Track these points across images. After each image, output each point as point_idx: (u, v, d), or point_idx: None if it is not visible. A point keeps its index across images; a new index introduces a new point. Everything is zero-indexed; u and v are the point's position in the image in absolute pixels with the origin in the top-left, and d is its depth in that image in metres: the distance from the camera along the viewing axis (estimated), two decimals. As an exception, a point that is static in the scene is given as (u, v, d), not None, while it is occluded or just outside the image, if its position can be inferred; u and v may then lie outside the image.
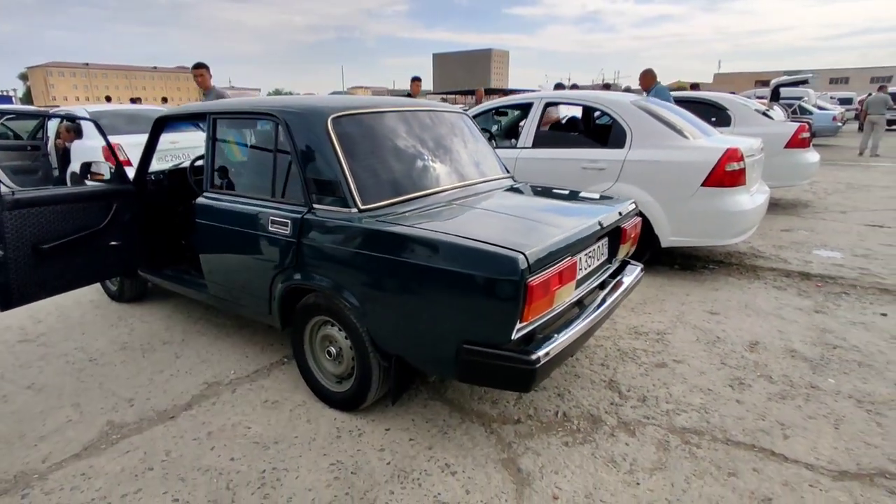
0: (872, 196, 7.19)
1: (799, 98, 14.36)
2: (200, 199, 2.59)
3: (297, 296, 2.30)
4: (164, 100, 20.45)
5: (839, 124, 15.63)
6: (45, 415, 2.30)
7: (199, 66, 5.16)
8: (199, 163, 3.19)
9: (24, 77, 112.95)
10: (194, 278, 2.91)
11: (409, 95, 8.21)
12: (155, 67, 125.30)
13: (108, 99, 20.05)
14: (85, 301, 3.64)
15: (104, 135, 3.03)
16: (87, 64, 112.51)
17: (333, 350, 2.25)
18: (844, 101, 22.59)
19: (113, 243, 2.91)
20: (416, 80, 8.19)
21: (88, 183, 3.26)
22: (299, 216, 2.17)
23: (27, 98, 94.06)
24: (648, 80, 5.77)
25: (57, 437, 2.15)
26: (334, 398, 2.28)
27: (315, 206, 2.14)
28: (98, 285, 3.70)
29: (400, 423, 2.20)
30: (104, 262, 2.91)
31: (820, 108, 15.82)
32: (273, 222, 2.25)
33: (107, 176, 2.99)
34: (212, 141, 2.61)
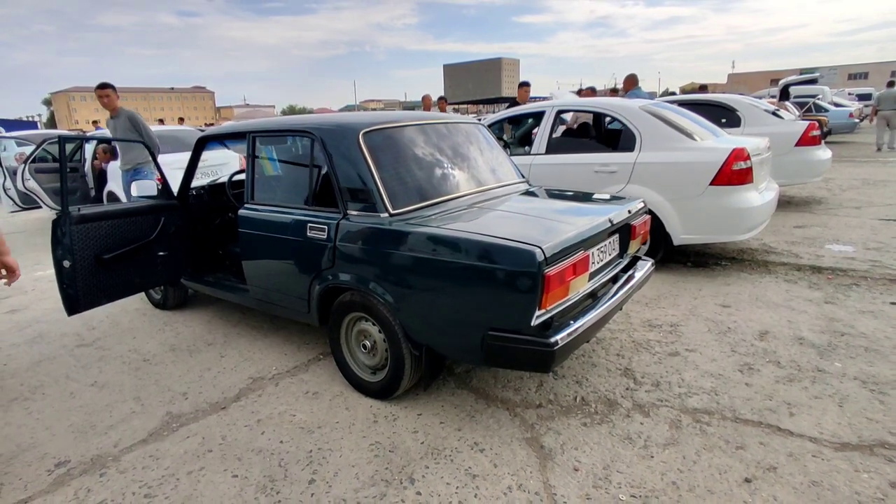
0: (888, 191, 7.21)
1: (814, 96, 14.34)
2: (243, 211, 2.84)
3: (333, 295, 2.52)
4: (181, 120, 21.30)
5: (856, 121, 15.53)
6: (111, 408, 2.55)
7: (104, 87, 4.76)
8: (237, 178, 3.46)
9: (47, 102, 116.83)
10: (235, 284, 3.16)
11: (514, 102, 7.52)
12: (172, 88, 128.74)
13: (162, 121, 21.26)
14: (132, 309, 3.91)
15: (154, 157, 3.32)
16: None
17: (368, 343, 2.46)
18: (863, 97, 22.35)
19: (161, 253, 3.18)
20: (524, 85, 7.57)
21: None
22: (335, 222, 2.39)
23: (51, 122, 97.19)
24: (628, 85, 6.63)
25: (124, 426, 2.39)
26: (370, 388, 2.49)
27: (349, 212, 2.37)
28: (143, 295, 3.98)
29: (431, 409, 2.39)
30: (154, 270, 3.17)
31: (836, 104, 15.76)
32: (311, 228, 2.48)
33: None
34: (251, 157, 2.85)
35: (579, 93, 9.69)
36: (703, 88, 12.41)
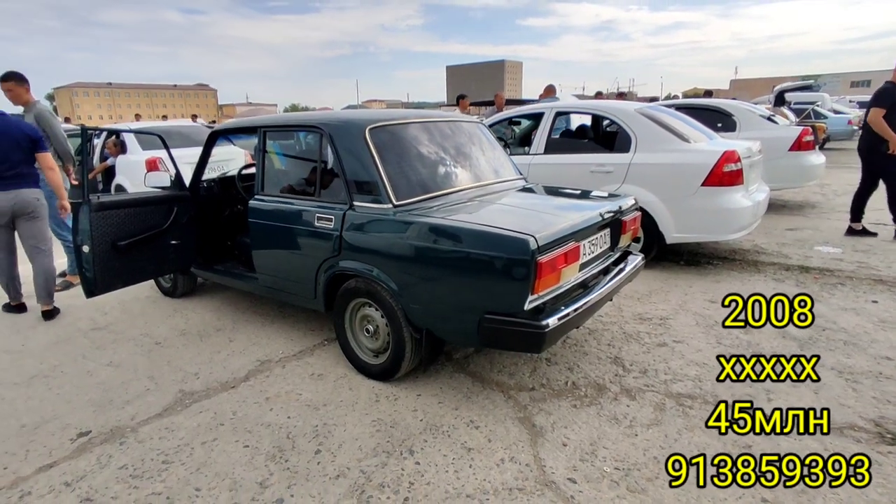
0: (881, 196, 7.31)
1: (813, 102, 14.51)
2: (253, 202, 2.98)
3: (339, 282, 2.66)
4: (194, 117, 21.58)
5: (855, 127, 15.68)
6: (126, 385, 2.69)
7: (6, 79, 3.74)
8: (246, 171, 3.61)
9: (50, 98, 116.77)
10: (243, 272, 3.30)
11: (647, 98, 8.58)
12: (175, 85, 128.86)
13: (165, 117, 22.14)
14: (142, 297, 4.05)
15: (168, 148, 3.46)
16: (109, 84, 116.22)
17: (371, 328, 2.60)
18: (864, 104, 22.54)
19: (173, 242, 3.32)
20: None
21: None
22: (342, 212, 2.53)
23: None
24: (547, 93, 7.65)
25: (139, 401, 2.53)
26: (372, 370, 2.63)
27: (355, 203, 2.51)
28: (153, 283, 4.12)
29: (429, 390, 2.53)
30: (166, 258, 3.32)
31: (836, 111, 15.93)
32: (319, 218, 2.62)
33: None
34: (262, 151, 2.99)
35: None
36: (708, 94, 12.59)
